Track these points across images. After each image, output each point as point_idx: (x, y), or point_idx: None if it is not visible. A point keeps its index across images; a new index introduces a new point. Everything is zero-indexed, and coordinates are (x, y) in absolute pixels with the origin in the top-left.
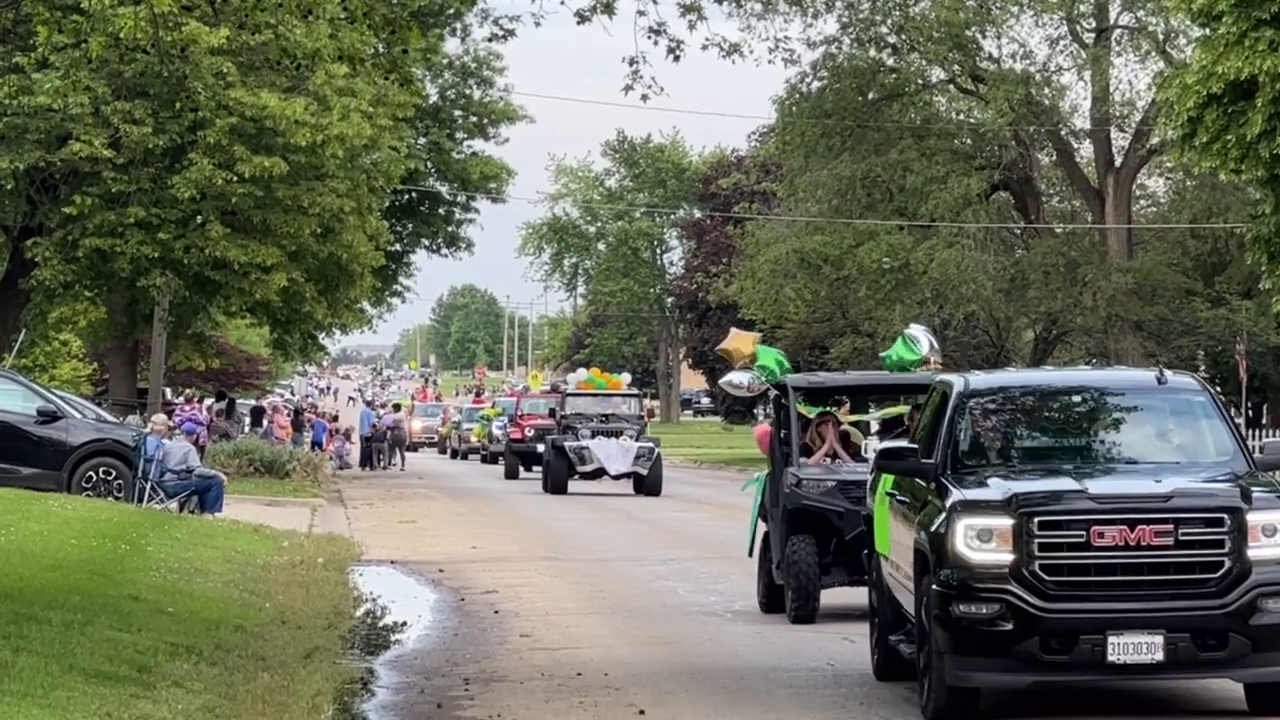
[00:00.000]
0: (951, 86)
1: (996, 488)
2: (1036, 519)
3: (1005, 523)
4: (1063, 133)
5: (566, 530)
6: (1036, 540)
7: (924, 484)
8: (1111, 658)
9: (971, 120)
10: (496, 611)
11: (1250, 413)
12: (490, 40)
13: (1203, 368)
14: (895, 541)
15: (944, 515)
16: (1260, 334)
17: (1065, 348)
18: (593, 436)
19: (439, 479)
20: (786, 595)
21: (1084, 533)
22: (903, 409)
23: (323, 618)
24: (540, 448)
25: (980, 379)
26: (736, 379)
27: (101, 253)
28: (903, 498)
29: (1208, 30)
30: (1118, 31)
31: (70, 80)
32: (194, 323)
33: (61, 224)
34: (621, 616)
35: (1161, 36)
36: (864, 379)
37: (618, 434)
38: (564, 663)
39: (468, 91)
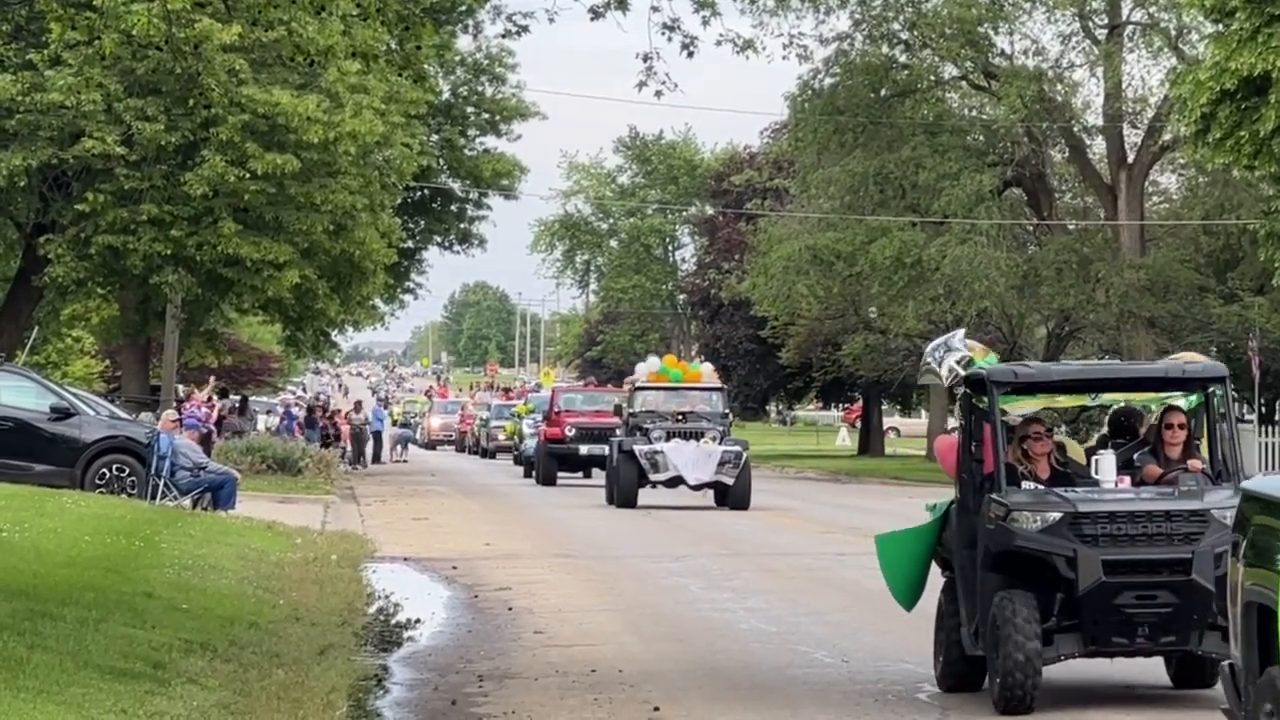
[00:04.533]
0: (964, 83)
1: None
2: None
3: None
4: (1075, 129)
5: (579, 527)
6: None
7: None
8: None
9: (984, 117)
10: (510, 608)
11: (1263, 409)
12: (504, 37)
13: None
14: None
15: None
16: (1273, 330)
17: (1078, 344)
18: (668, 439)
19: (452, 475)
20: (992, 674)
21: None
22: (1132, 398)
23: (336, 614)
24: (583, 449)
25: None
26: (936, 367)
27: (114, 250)
28: None
29: (1221, 26)
30: (1130, 28)
31: (83, 77)
32: (206, 320)
33: (74, 221)
34: (635, 613)
35: (1174, 33)
36: (1095, 371)
37: (697, 436)
38: (578, 659)
39: (480, 88)
